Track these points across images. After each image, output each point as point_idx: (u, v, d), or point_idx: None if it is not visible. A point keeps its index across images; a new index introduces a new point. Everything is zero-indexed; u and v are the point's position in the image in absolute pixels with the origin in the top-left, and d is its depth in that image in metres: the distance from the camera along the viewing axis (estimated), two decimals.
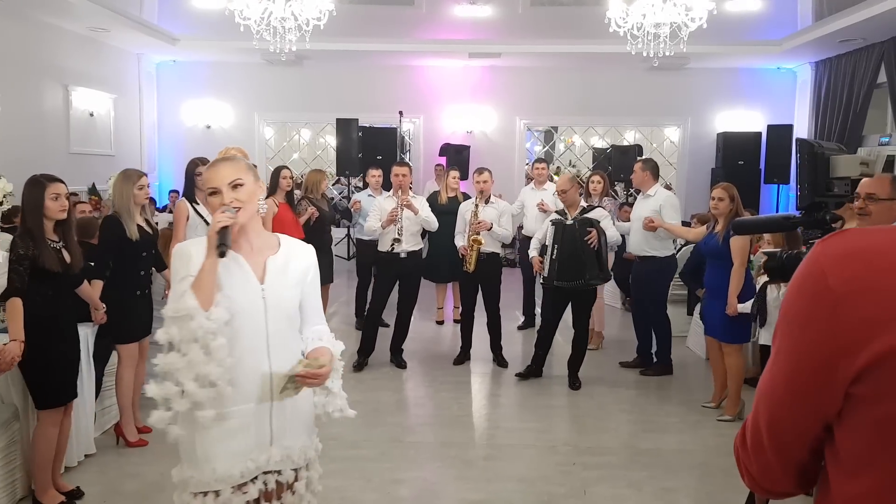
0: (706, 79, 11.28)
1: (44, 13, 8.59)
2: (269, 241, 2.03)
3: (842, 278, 0.81)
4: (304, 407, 2.01)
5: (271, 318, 1.92)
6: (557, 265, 5.09)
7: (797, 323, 0.88)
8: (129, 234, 3.80)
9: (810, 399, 0.87)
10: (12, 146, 7.98)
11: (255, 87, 11.66)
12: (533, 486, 3.62)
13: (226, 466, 1.86)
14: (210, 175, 1.91)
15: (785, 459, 0.94)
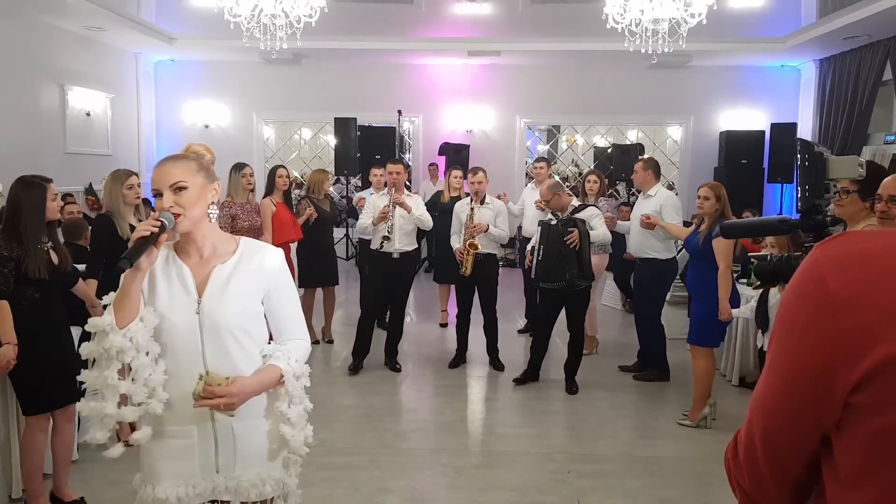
0: (709, 76, 11.15)
1: (40, 12, 8.52)
2: (224, 247, 1.84)
3: (842, 283, 0.77)
4: (259, 432, 1.84)
5: (207, 335, 1.75)
6: (543, 266, 5.01)
7: (795, 328, 0.83)
8: (121, 232, 3.73)
9: (808, 408, 0.82)
10: (7, 146, 7.92)
11: (253, 87, 11.59)
12: (525, 496, 3.52)
13: (163, 487, 1.78)
14: (155, 174, 1.75)
15: (780, 473, 0.89)
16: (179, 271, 1.78)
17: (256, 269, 1.83)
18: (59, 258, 3.19)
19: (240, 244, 1.87)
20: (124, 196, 3.78)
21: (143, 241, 1.65)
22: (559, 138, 13.35)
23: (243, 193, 5.22)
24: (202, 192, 1.76)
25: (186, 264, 1.79)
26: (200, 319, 1.75)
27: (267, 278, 1.84)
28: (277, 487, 1.88)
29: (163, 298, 1.75)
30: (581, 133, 13.18)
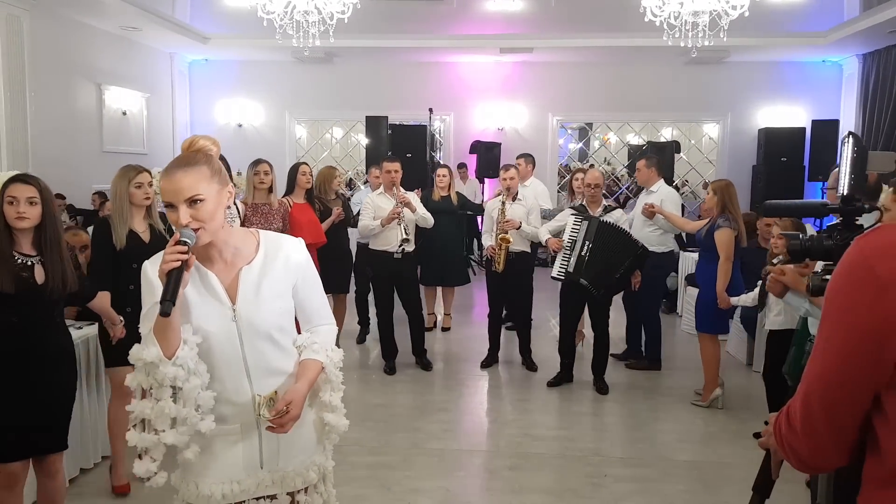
0: (747, 72, 10.89)
1: (77, 12, 8.67)
2: (245, 246, 1.77)
3: (887, 267, 0.92)
4: (301, 426, 1.80)
5: (247, 340, 1.71)
6: (587, 263, 4.89)
7: (847, 308, 0.97)
8: (115, 240, 3.27)
9: (865, 372, 0.96)
10: (46, 145, 8.07)
11: (286, 86, 11.65)
12: (561, 499, 3.43)
13: (207, 485, 1.75)
14: (165, 185, 1.60)
15: (838, 435, 1.02)
16: (206, 279, 1.71)
17: (284, 265, 1.78)
18: (46, 275, 2.64)
19: (260, 240, 1.80)
20: (131, 196, 3.33)
21: (176, 273, 1.54)
22: (592, 136, 13.18)
23: (258, 193, 4.77)
24: (219, 200, 1.65)
25: (211, 271, 1.72)
26: (238, 326, 1.71)
27: (295, 273, 1.80)
28: (319, 471, 1.88)
29: (196, 310, 1.68)
30: (614, 131, 12.99)
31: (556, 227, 5.25)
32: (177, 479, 1.80)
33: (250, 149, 10.33)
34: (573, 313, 5.18)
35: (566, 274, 4.97)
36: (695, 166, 12.06)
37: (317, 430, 1.88)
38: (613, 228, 4.91)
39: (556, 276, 5.04)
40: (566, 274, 4.97)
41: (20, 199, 2.56)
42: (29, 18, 7.92)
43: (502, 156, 10.52)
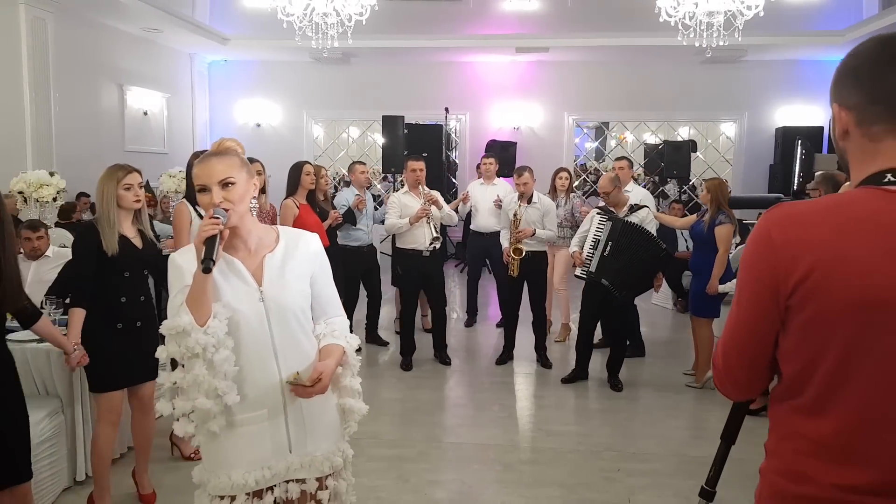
0: (764, 71, 10.86)
1: (100, 14, 8.84)
2: (266, 237, 1.90)
3: (779, 233, 1.16)
4: (325, 411, 1.91)
5: (274, 321, 1.81)
6: (609, 264, 4.92)
7: (751, 270, 1.21)
8: (105, 246, 2.96)
9: (766, 319, 1.20)
10: (70, 144, 8.24)
11: (303, 86, 11.78)
12: (574, 493, 3.49)
13: (240, 473, 1.81)
14: (200, 171, 1.78)
15: (752, 374, 1.29)
16: (232, 265, 1.82)
17: (303, 254, 1.90)
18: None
19: (279, 233, 1.93)
20: (120, 198, 3.02)
21: (212, 240, 1.68)
22: (608, 135, 13.18)
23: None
24: (246, 187, 1.81)
25: (235, 258, 1.83)
26: (266, 306, 1.81)
27: (312, 262, 1.92)
28: (343, 457, 1.96)
29: (225, 293, 1.78)
30: (631, 130, 12.97)
31: (586, 231, 5.17)
32: (201, 473, 1.87)
33: (268, 148, 10.48)
34: (592, 313, 5.21)
35: (588, 274, 5.02)
36: (711, 165, 12.03)
37: (340, 414, 1.96)
38: (636, 229, 4.92)
39: (579, 276, 5.10)
40: (588, 274, 5.02)
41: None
42: (53, 21, 8.09)
43: (518, 155, 10.58)
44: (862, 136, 1.17)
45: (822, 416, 1.17)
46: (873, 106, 1.14)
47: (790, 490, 1.22)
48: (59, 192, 5.68)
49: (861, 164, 1.18)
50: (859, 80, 1.16)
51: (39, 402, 3.30)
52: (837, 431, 1.15)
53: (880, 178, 1.13)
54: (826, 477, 1.16)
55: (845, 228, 1.11)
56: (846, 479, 1.14)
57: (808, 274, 1.12)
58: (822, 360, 1.15)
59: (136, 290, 3.10)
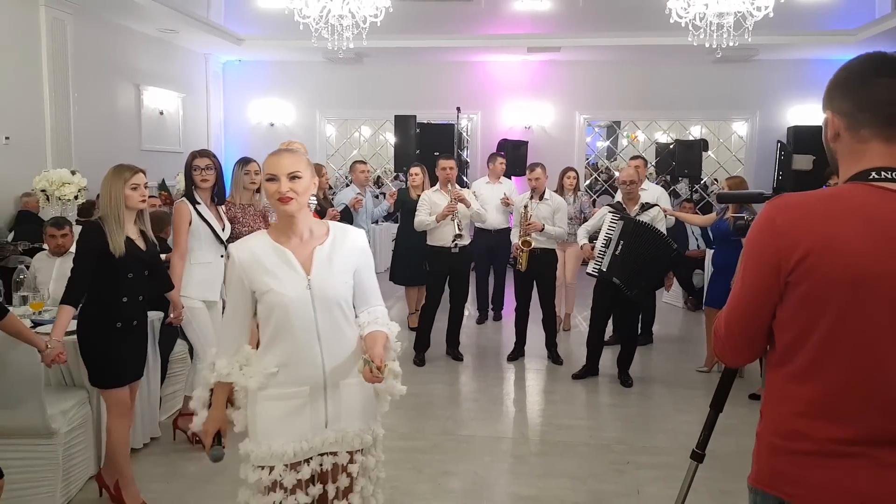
0: (776, 71, 10.86)
1: (117, 16, 8.99)
2: (318, 230, 2.09)
3: (783, 219, 1.33)
4: (360, 392, 2.07)
5: (319, 308, 1.99)
6: (620, 262, 4.99)
7: (756, 251, 1.38)
8: (112, 247, 2.97)
9: (766, 295, 1.37)
10: (88, 143, 8.39)
11: (316, 86, 11.89)
12: (585, 484, 3.57)
13: (280, 444, 1.98)
14: (271, 162, 1.98)
15: (751, 344, 1.46)
16: (283, 255, 2.00)
17: (350, 248, 2.09)
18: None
19: (330, 228, 2.12)
20: (127, 198, 3.02)
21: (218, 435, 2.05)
22: (620, 134, 13.21)
23: (245, 193, 4.32)
24: (309, 182, 2.01)
25: (286, 247, 2.01)
26: (312, 294, 1.99)
27: (358, 256, 2.11)
28: (373, 436, 2.12)
29: (274, 281, 1.97)
30: (642, 129, 13.00)
31: (594, 226, 5.32)
32: (246, 445, 2.02)
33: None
34: (604, 310, 5.29)
35: (600, 272, 5.09)
36: (723, 164, 12.05)
37: (371, 394, 2.12)
38: (647, 228, 4.98)
39: (590, 273, 5.17)
40: (600, 272, 5.09)
41: None
42: (73, 22, 8.24)
43: (529, 154, 10.64)
44: (851, 139, 1.37)
45: (813, 380, 1.33)
46: (861, 113, 1.34)
47: (786, 446, 1.37)
48: (80, 190, 5.81)
49: (850, 163, 1.38)
50: (849, 91, 1.37)
51: (67, 392, 3.42)
52: (827, 392, 1.32)
53: (866, 175, 1.32)
54: (819, 433, 1.33)
55: (837, 217, 1.29)
56: (837, 434, 1.31)
57: (806, 255, 1.29)
58: (815, 329, 1.31)
59: (136, 291, 3.14)
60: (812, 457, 1.34)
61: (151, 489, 3.43)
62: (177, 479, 3.55)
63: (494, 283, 7.22)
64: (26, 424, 3.06)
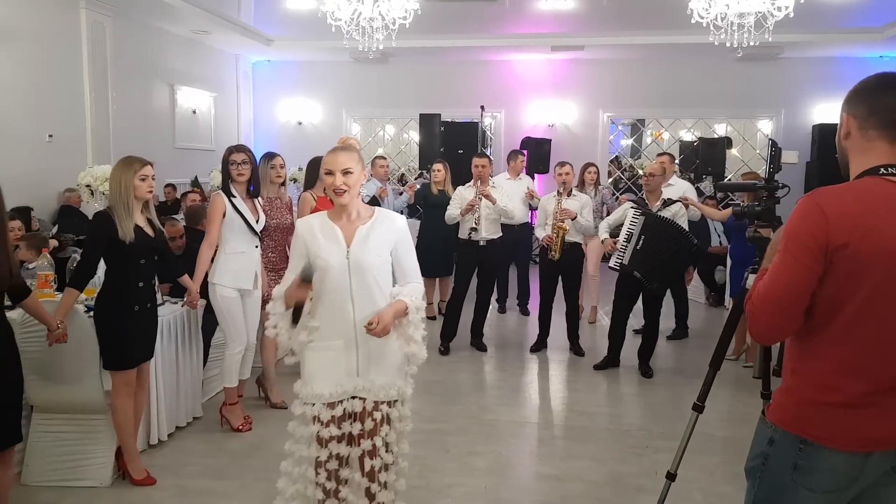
0: (801, 68, 10.86)
1: (153, 18, 9.30)
2: (364, 213, 2.48)
3: (829, 208, 1.53)
4: (389, 350, 2.42)
5: (354, 275, 2.39)
6: (641, 257, 5.11)
7: (806, 235, 1.55)
8: (122, 234, 3.14)
9: (808, 276, 1.55)
10: (125, 141, 8.68)
11: (343, 85, 12.12)
12: (605, 466, 3.73)
13: (320, 386, 2.41)
14: (329, 159, 2.40)
15: (790, 318, 1.61)
16: (332, 231, 2.43)
17: (388, 228, 2.47)
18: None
19: (375, 212, 2.50)
20: (135, 188, 3.19)
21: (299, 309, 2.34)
22: (644, 132, 13.26)
23: (272, 187, 4.54)
24: (359, 176, 2.43)
25: (337, 225, 2.44)
26: (349, 263, 2.40)
27: (395, 235, 2.48)
28: (399, 393, 2.48)
29: (322, 249, 2.40)
30: (666, 127, 13.04)
31: (616, 220, 5.46)
32: (298, 386, 2.46)
33: (309, 145, 10.83)
34: (627, 303, 5.42)
35: (621, 266, 5.22)
36: (747, 162, 12.05)
37: (400, 356, 2.47)
38: (668, 224, 5.10)
39: (612, 267, 5.31)
40: (621, 266, 5.22)
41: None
42: (111, 24, 8.56)
43: (552, 152, 10.76)
44: (860, 138, 1.63)
45: (846, 343, 1.58)
46: (871, 117, 1.61)
47: (819, 398, 1.62)
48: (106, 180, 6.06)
49: (859, 159, 1.64)
50: (864, 98, 1.63)
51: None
52: (857, 352, 1.57)
53: (877, 171, 1.58)
54: (849, 388, 1.58)
55: (871, 207, 1.54)
56: (862, 388, 1.57)
57: (850, 239, 1.51)
58: (851, 301, 1.55)
59: (149, 275, 3.35)
60: (839, 407, 1.59)
61: (195, 463, 3.66)
62: (219, 455, 3.77)
63: (518, 278, 7.39)
64: (85, 400, 3.31)
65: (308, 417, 2.41)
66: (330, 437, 2.38)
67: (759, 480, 1.71)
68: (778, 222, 2.58)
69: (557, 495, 3.41)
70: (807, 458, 1.62)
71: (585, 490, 3.47)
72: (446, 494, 3.37)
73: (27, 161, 7.33)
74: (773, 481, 1.68)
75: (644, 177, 5.44)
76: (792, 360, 1.70)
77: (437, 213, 6.21)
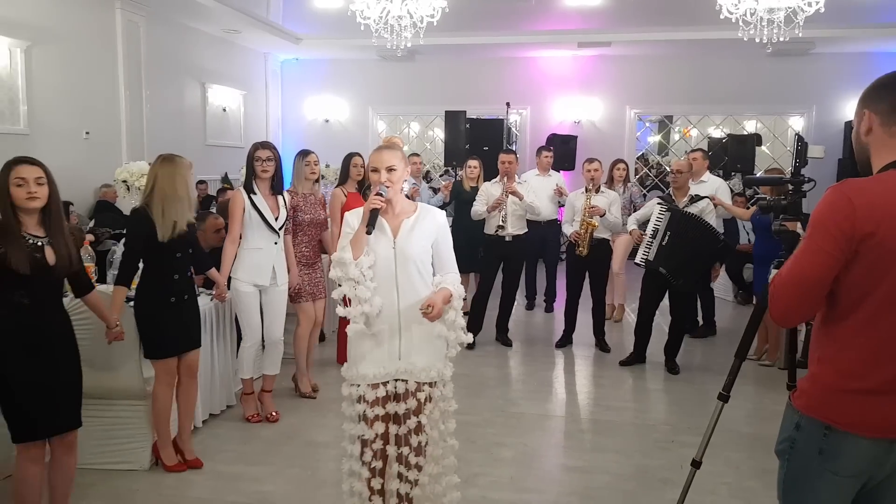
0: (833, 64, 10.70)
1: (185, 17, 9.49)
2: (408, 208, 2.64)
3: (858, 199, 1.57)
4: (429, 335, 2.55)
5: (399, 264, 2.55)
6: (666, 253, 5.11)
7: (831, 223, 1.59)
8: (161, 235, 3.28)
9: (837, 261, 1.59)
10: (158, 139, 8.88)
11: (369, 83, 12.23)
12: (630, 459, 3.76)
13: (365, 368, 2.54)
14: (375, 157, 2.57)
15: (810, 303, 1.67)
16: (380, 223, 2.56)
17: (430, 223, 2.63)
18: (56, 257, 2.65)
19: (418, 207, 2.67)
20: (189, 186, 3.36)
21: (376, 211, 2.48)
22: (672, 129, 13.17)
23: (306, 183, 4.57)
24: (402, 173, 2.59)
25: (383, 219, 2.58)
26: (395, 252, 2.56)
27: (437, 229, 2.64)
28: (439, 374, 2.59)
29: (372, 240, 2.54)
30: (695, 123, 12.94)
31: (644, 215, 5.48)
32: (345, 367, 2.60)
33: (336, 143, 10.99)
34: (652, 299, 5.43)
35: (647, 262, 5.23)
36: (777, 159, 11.91)
37: (440, 340, 2.57)
38: (694, 220, 5.09)
39: (638, 263, 5.32)
40: (647, 262, 5.23)
41: (29, 179, 2.59)
42: (145, 24, 8.76)
43: (578, 148, 10.75)
44: (883, 134, 1.67)
45: (871, 331, 1.62)
46: (894, 113, 1.65)
47: (843, 384, 1.66)
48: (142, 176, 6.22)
49: (881, 154, 1.68)
50: (885, 95, 1.67)
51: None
52: (882, 340, 1.62)
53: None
54: (873, 375, 1.62)
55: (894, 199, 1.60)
56: (886, 376, 1.61)
57: (877, 229, 1.56)
58: (876, 290, 1.60)
59: (184, 268, 3.46)
60: (863, 394, 1.63)
61: (229, 449, 3.78)
62: (252, 442, 3.88)
63: (546, 275, 7.42)
64: (125, 386, 3.43)
65: (354, 397, 2.56)
66: (375, 416, 2.52)
67: (788, 462, 1.78)
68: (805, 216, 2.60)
69: (582, 486, 3.45)
70: (831, 444, 1.66)
71: (610, 482, 3.50)
72: (472, 484, 3.43)
73: (65, 157, 7.53)
74: (801, 464, 1.73)
75: (671, 173, 5.44)
76: (818, 349, 1.73)
77: (469, 209, 6.24)
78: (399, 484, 2.55)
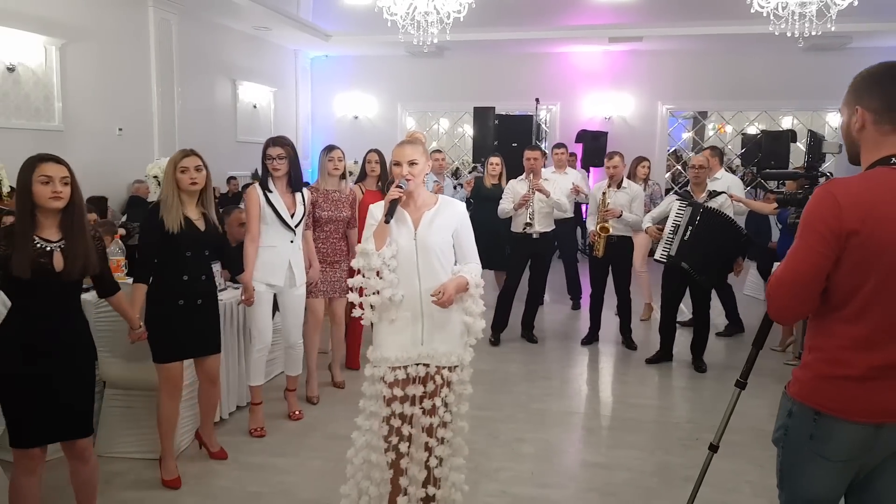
0: (872, 59, 9.81)
1: (217, 15, 9.63)
2: (429, 200, 2.75)
3: (843, 197, 1.61)
4: (450, 322, 2.68)
5: (420, 254, 2.67)
6: (688, 248, 5.04)
7: (819, 222, 1.65)
8: (168, 225, 3.14)
9: (823, 261, 1.64)
10: (190, 135, 9.03)
11: (398, 79, 12.28)
12: (652, 456, 3.73)
13: (387, 351, 2.67)
14: (397, 152, 2.69)
15: (805, 299, 1.71)
16: (402, 215, 2.70)
17: (450, 214, 2.74)
18: (66, 262, 2.51)
19: (439, 199, 2.77)
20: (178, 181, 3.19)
21: (395, 202, 2.60)
22: (705, 125, 12.96)
23: (330, 179, 4.44)
24: (424, 167, 2.71)
25: (405, 210, 2.70)
26: (416, 243, 2.68)
27: (457, 220, 2.74)
28: (458, 359, 2.71)
29: (394, 232, 2.68)
30: (729, 119, 12.72)
31: (661, 213, 5.42)
32: (370, 351, 2.71)
33: (365, 139, 11.00)
34: (674, 296, 5.37)
35: (668, 257, 5.17)
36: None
37: (460, 326, 2.70)
38: (716, 214, 5.04)
39: (659, 259, 5.25)
40: (668, 257, 5.17)
41: (55, 178, 2.46)
42: (177, 22, 8.91)
43: (609, 145, 10.64)
44: (875, 132, 1.69)
45: (861, 322, 1.68)
46: (889, 112, 1.67)
47: (832, 372, 1.72)
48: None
49: (872, 151, 1.71)
50: (879, 92, 1.68)
51: None
52: (871, 329, 1.67)
53: (888, 161, 1.67)
54: (860, 362, 1.68)
55: (883, 195, 1.63)
56: (873, 362, 1.67)
57: (861, 226, 1.60)
58: (865, 284, 1.64)
59: (197, 269, 3.25)
60: (851, 380, 1.69)
61: (254, 440, 3.84)
62: (277, 433, 3.94)
63: (566, 272, 7.37)
64: (148, 377, 3.44)
65: (376, 378, 2.67)
66: (394, 396, 2.63)
67: (783, 449, 1.84)
68: None
69: (602, 482, 3.44)
70: (821, 429, 1.73)
71: (631, 478, 3.48)
72: (494, 478, 3.43)
73: (99, 153, 7.72)
74: (794, 450, 1.80)
75: (692, 168, 5.36)
76: (810, 338, 1.80)
77: (489, 206, 6.24)
78: (411, 464, 2.68)
